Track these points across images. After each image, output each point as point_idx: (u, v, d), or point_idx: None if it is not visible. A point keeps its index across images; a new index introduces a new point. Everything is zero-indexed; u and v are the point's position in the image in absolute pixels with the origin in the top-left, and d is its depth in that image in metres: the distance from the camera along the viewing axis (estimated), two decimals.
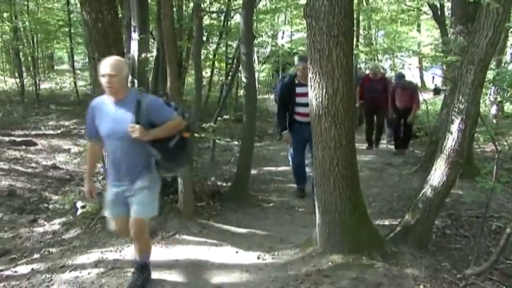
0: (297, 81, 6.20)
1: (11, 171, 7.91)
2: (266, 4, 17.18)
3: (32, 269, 4.34)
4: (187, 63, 7.00)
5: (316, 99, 3.86)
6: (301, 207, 6.25)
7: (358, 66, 13.99)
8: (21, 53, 15.19)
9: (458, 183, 4.59)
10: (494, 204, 5.55)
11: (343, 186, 4.04)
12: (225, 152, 9.86)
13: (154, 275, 4.10)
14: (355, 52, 5.55)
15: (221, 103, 8.71)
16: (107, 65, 3.42)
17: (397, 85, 10.26)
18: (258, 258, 4.46)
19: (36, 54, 16.04)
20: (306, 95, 5.13)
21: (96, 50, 4.71)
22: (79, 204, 6.00)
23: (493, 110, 12.97)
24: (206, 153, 8.19)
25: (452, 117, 4.03)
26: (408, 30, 21.32)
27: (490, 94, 12.85)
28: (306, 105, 5.13)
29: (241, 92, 11.02)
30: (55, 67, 25.07)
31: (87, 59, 11.14)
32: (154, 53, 6.33)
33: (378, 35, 22.44)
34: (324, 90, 3.79)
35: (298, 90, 6.14)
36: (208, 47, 11.67)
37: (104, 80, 3.39)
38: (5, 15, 14.27)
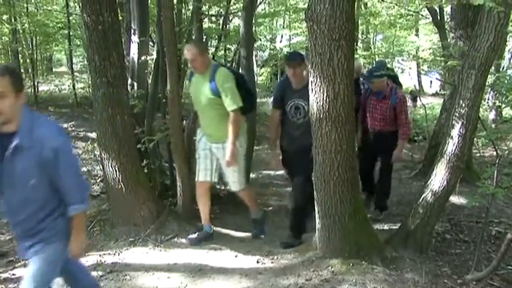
0: None
1: None
2: (265, 8, 17.22)
3: None
4: (186, 66, 6.97)
5: (317, 102, 3.85)
6: None
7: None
8: (20, 55, 15.14)
9: (458, 187, 4.57)
10: (494, 210, 5.55)
11: (343, 190, 4.03)
12: None
13: (153, 278, 4.08)
14: (355, 56, 5.36)
15: None
16: None
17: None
18: (258, 262, 4.44)
19: (35, 56, 15.96)
20: None
21: (95, 52, 4.70)
22: None
23: (492, 114, 12.99)
24: None
25: (453, 121, 4.02)
26: (407, 34, 21.32)
27: (488, 99, 12.87)
28: None
29: None
30: (54, 69, 24.96)
31: (85, 61, 11.12)
32: (154, 56, 6.32)
33: (376, 39, 22.49)
34: (325, 94, 3.78)
35: None
36: (207, 50, 11.65)
37: None
38: (4, 17, 14.18)
